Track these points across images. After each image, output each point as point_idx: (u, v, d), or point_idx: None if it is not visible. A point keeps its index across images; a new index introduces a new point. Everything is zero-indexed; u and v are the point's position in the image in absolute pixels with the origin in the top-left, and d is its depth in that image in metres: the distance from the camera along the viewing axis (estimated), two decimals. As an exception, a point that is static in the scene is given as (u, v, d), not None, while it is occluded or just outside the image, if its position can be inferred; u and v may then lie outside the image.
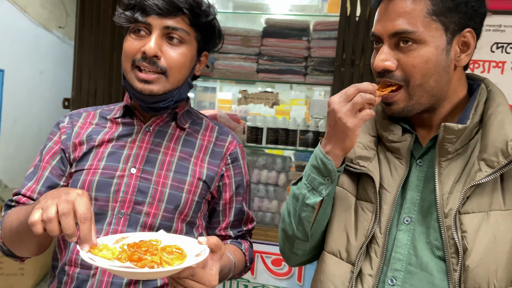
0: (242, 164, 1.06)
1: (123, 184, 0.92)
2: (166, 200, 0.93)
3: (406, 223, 0.81)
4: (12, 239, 0.89)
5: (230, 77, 2.02)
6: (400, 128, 0.85)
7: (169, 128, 1.00)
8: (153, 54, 0.89)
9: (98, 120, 1.02)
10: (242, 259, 1.03)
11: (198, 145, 1.01)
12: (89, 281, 0.89)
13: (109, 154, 0.96)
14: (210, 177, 0.99)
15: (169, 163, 0.96)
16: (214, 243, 0.74)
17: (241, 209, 1.06)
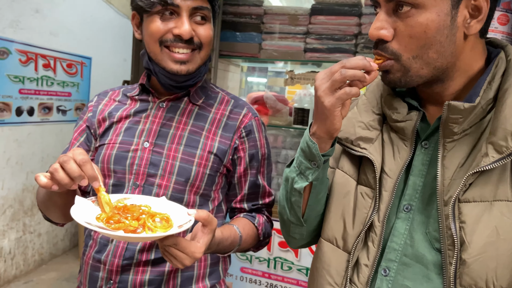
0: (257, 137, 1.04)
1: (137, 157, 0.97)
2: (176, 172, 0.96)
3: (405, 211, 0.73)
4: (42, 207, 0.99)
5: (277, 57, 1.99)
6: (406, 106, 0.76)
7: (182, 103, 1.03)
8: (189, 36, 0.91)
9: (120, 97, 1.08)
10: (254, 233, 1.03)
11: (211, 119, 1.02)
12: (108, 246, 0.96)
13: (126, 129, 1.01)
14: (222, 150, 0.99)
15: (180, 136, 0.98)
16: (202, 216, 0.75)
17: (255, 182, 1.05)
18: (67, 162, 0.73)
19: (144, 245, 0.95)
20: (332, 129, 0.71)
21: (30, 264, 3.22)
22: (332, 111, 0.69)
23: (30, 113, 3.05)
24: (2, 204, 2.91)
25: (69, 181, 0.74)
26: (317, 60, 1.94)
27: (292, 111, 2.02)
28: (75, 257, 3.54)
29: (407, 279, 0.71)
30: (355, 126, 0.80)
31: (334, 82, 0.67)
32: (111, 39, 3.80)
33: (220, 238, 0.88)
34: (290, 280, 2.01)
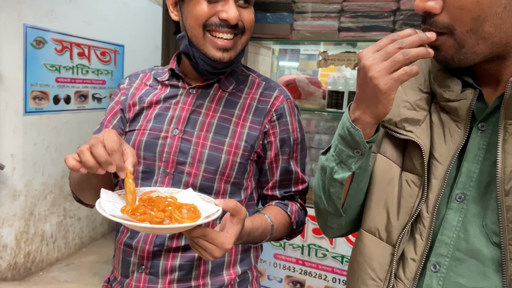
0: (290, 121, 0.99)
1: (166, 144, 0.95)
2: (205, 161, 0.94)
3: (458, 201, 0.66)
4: (76, 188, 0.99)
5: (310, 38, 1.91)
6: (460, 83, 0.67)
7: (212, 90, 0.99)
8: (237, 21, 0.89)
9: (151, 81, 1.06)
10: (286, 221, 0.99)
11: (241, 104, 0.98)
12: (139, 232, 0.96)
13: (156, 115, 0.99)
14: (252, 136, 0.96)
15: (209, 124, 0.96)
16: (230, 206, 0.72)
17: (287, 168, 1.01)
18: (95, 146, 0.71)
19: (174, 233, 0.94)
20: (383, 113, 0.65)
21: (71, 247, 3.35)
22: (388, 94, 0.62)
23: (67, 101, 3.12)
24: (43, 190, 3.02)
25: (95, 164, 0.71)
26: (352, 40, 1.85)
27: (325, 94, 1.94)
28: (114, 241, 3.65)
29: (460, 276, 0.65)
30: (400, 106, 0.73)
31: (395, 62, 0.60)
32: (142, 26, 3.82)
33: (250, 228, 0.85)
34: (324, 268, 1.97)
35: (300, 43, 2.12)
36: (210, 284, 0.97)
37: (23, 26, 2.68)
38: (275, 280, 2.08)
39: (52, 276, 3.01)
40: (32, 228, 2.95)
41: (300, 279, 2.03)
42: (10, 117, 2.71)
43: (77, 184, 0.97)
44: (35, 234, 2.98)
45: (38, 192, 2.98)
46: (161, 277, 0.95)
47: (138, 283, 0.95)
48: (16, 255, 2.86)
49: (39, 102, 2.88)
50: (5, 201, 2.77)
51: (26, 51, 2.72)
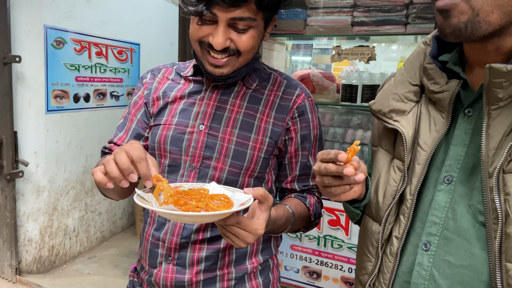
0: (310, 118, 1.03)
1: (193, 140, 0.99)
2: (231, 156, 0.97)
3: (446, 183, 0.70)
4: (99, 187, 1.01)
5: (323, 33, 1.94)
6: (445, 76, 0.71)
7: (236, 86, 1.02)
8: (221, 48, 0.89)
9: (173, 76, 1.09)
10: (305, 213, 1.03)
11: (264, 101, 1.01)
12: (166, 224, 1.01)
13: (181, 110, 1.02)
14: (276, 132, 0.99)
15: (235, 120, 0.99)
16: (260, 194, 0.76)
17: (306, 164, 1.05)
18: (118, 153, 0.72)
19: (200, 225, 0.99)
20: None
21: (93, 241, 3.45)
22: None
23: (86, 99, 3.21)
24: (65, 186, 3.12)
25: (119, 175, 0.72)
26: (365, 34, 1.87)
27: (339, 88, 1.97)
28: (133, 235, 3.75)
29: (449, 254, 0.69)
30: (389, 98, 0.78)
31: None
32: (157, 25, 3.88)
33: (275, 216, 0.89)
34: (341, 258, 2.01)
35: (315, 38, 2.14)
36: (234, 273, 1.02)
37: (44, 27, 2.76)
38: (292, 271, 2.13)
39: (75, 268, 3.11)
40: (56, 222, 3.05)
41: (317, 270, 2.07)
42: (33, 115, 2.80)
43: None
44: (58, 228, 3.07)
45: (61, 188, 3.08)
46: (188, 267, 0.99)
47: (166, 274, 1.00)
48: (40, 249, 2.96)
49: (60, 100, 2.97)
50: (29, 197, 2.87)
51: (47, 51, 2.81)
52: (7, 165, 2.63)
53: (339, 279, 2.04)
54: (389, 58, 4.98)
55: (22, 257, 2.88)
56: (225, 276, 1.01)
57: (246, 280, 1.03)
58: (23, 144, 2.78)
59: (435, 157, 0.73)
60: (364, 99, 1.90)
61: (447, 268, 0.68)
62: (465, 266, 0.66)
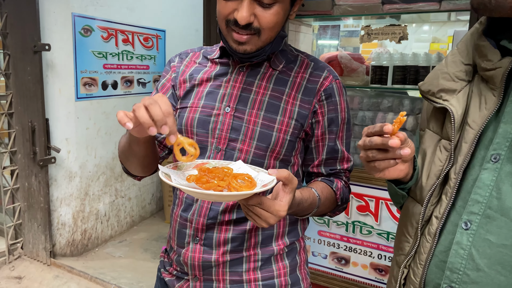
0: (338, 101, 1.00)
1: (219, 122, 0.98)
2: (257, 138, 0.96)
3: (493, 161, 0.68)
4: (122, 157, 1.03)
5: (352, 12, 1.86)
6: (498, 53, 0.69)
7: (262, 67, 1.01)
8: (245, 23, 0.88)
9: (201, 59, 1.08)
10: (332, 197, 1.01)
11: (291, 83, 0.99)
12: (193, 205, 1.01)
13: (207, 93, 1.02)
14: (302, 115, 0.98)
15: (261, 102, 0.98)
16: (283, 175, 0.75)
17: (333, 147, 1.02)
18: (153, 104, 0.71)
19: (226, 206, 0.98)
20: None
21: (123, 225, 3.54)
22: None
23: (114, 86, 3.25)
24: (96, 171, 3.19)
25: (149, 121, 0.71)
26: (396, 12, 1.78)
27: (369, 69, 1.90)
28: (162, 219, 3.82)
29: (490, 233, 0.66)
30: (439, 78, 0.77)
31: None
32: (183, 10, 3.87)
33: (300, 199, 0.87)
34: (370, 244, 1.97)
35: (343, 18, 2.07)
36: (260, 254, 1.01)
37: (71, 15, 2.79)
38: (320, 257, 2.11)
39: (107, 252, 3.19)
40: (87, 207, 3.14)
41: (345, 256, 2.04)
42: (63, 103, 2.86)
43: (123, 152, 1.01)
44: (90, 213, 3.16)
45: (92, 174, 3.15)
46: (215, 248, 0.99)
47: (193, 253, 1.00)
48: (73, 233, 3.05)
49: (89, 88, 3.02)
50: (62, 182, 2.95)
51: (75, 39, 2.85)
52: (40, 151, 2.71)
53: (368, 266, 2.00)
54: (420, 39, 4.80)
55: (56, 241, 2.98)
56: (251, 257, 1.01)
57: (273, 262, 1.03)
58: (54, 131, 2.85)
59: (483, 136, 0.71)
60: (395, 81, 1.82)
61: (487, 248, 0.66)
62: (506, 245, 0.65)
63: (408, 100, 1.83)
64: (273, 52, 1.00)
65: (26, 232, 2.89)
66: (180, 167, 0.85)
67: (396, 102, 1.84)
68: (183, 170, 0.85)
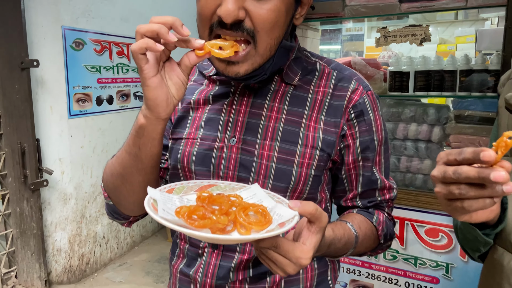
0: (372, 118, 0.80)
1: (223, 157, 0.79)
2: (273, 176, 0.77)
3: None
4: (115, 183, 0.79)
5: (366, 13, 1.69)
6: None
7: (272, 84, 0.81)
8: (232, 20, 0.65)
9: (196, 75, 0.89)
10: (372, 233, 0.82)
11: (311, 101, 0.79)
12: (197, 260, 0.82)
13: (206, 120, 0.82)
14: (328, 142, 0.78)
15: (274, 129, 0.78)
16: (309, 211, 0.57)
17: (370, 178, 0.83)
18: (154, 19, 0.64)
19: (239, 262, 0.79)
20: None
21: (123, 247, 3.35)
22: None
23: (109, 101, 3.08)
24: (93, 192, 3.01)
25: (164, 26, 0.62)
26: (416, 12, 1.61)
27: (387, 76, 1.73)
28: (164, 238, 3.63)
29: None
30: None
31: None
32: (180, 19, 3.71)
33: (331, 238, 0.69)
34: (395, 271, 1.77)
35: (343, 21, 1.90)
36: None
37: (62, 29, 2.63)
38: (339, 285, 1.91)
39: (107, 277, 3.01)
40: (85, 230, 2.96)
41: (367, 284, 1.84)
42: (55, 121, 2.70)
43: (117, 173, 0.77)
44: (87, 236, 2.98)
45: (88, 194, 2.98)
46: None
47: None
48: (70, 258, 2.87)
49: (83, 104, 2.86)
50: (56, 205, 2.77)
51: (66, 54, 2.69)
52: (31, 174, 2.53)
53: (393, 293, 1.81)
54: (426, 41, 4.63)
55: (51, 268, 2.79)
56: None
57: None
58: (46, 151, 2.68)
59: None
60: (417, 88, 1.64)
61: None
62: None
63: (433, 109, 1.64)
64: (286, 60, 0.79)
65: (20, 260, 2.71)
66: (178, 190, 0.67)
67: (420, 111, 1.65)
68: (181, 194, 0.67)
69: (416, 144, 1.68)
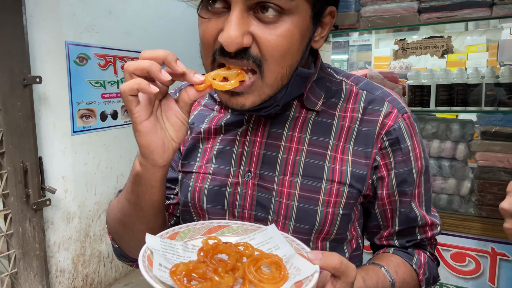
0: (410, 146, 0.70)
1: (237, 194, 0.70)
2: (294, 217, 0.68)
3: None
4: (116, 228, 0.75)
5: (383, 25, 1.60)
6: None
7: (291, 110, 0.71)
8: (235, 48, 0.56)
9: (207, 99, 0.81)
10: (412, 279, 0.71)
11: (337, 128, 0.70)
12: None
13: (218, 152, 0.74)
14: (358, 176, 0.68)
15: (295, 163, 0.68)
16: (333, 265, 0.48)
17: (408, 215, 0.73)
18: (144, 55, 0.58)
19: None
20: None
21: (128, 266, 3.25)
22: None
23: (113, 116, 3.01)
24: (97, 210, 2.93)
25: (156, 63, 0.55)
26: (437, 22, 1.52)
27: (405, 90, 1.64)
28: (170, 257, 3.53)
29: None
30: None
31: None
32: (185, 33, 3.65)
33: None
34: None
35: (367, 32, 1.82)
36: None
37: (65, 44, 2.58)
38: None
39: (112, 298, 2.91)
40: (89, 249, 2.87)
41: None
42: (58, 138, 2.63)
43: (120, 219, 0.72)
44: (91, 255, 2.89)
45: (92, 213, 2.89)
46: None
47: None
48: (74, 279, 2.78)
49: (86, 120, 2.79)
50: (59, 225, 2.69)
51: (70, 69, 2.63)
52: (33, 193, 2.45)
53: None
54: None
55: (55, 290, 2.70)
56: None
57: None
58: (49, 170, 2.61)
59: None
60: (439, 103, 1.55)
61: None
62: None
63: (457, 124, 1.55)
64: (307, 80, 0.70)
65: (23, 282, 2.61)
66: (183, 235, 0.59)
67: (443, 127, 1.56)
68: (186, 239, 0.58)
69: (439, 162, 1.58)
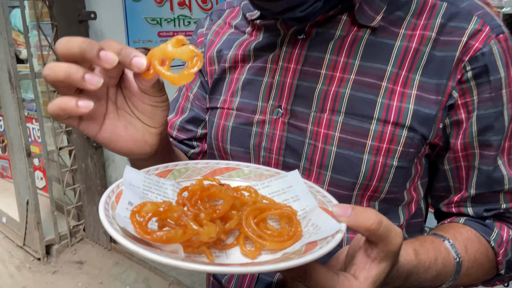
0: (503, 80, 0.50)
1: (264, 135, 0.58)
2: (332, 166, 0.53)
3: None
4: None
5: None
6: None
7: (338, 28, 0.54)
8: None
9: (239, 20, 0.66)
10: (488, 259, 0.54)
11: (398, 52, 0.52)
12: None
13: (244, 83, 0.61)
14: (424, 117, 0.51)
15: (336, 97, 0.53)
16: (366, 226, 0.34)
17: (491, 175, 0.54)
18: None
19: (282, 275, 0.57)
20: None
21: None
22: None
23: (170, 56, 2.96)
24: (155, 150, 2.98)
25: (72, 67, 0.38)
26: None
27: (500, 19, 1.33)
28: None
29: None
30: None
31: None
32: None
33: (412, 266, 0.44)
34: None
35: None
36: None
37: (120, -22, 2.49)
38: None
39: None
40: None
41: None
42: (116, 77, 2.63)
43: None
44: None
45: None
46: None
47: None
48: (135, 215, 2.91)
49: (143, 59, 2.75)
50: (120, 163, 2.78)
51: (126, 5, 2.56)
52: (93, 131, 2.52)
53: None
54: None
55: (116, 224, 2.85)
56: None
57: None
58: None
59: None
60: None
61: None
62: None
63: None
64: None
65: (87, 215, 2.79)
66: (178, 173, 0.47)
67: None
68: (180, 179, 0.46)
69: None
